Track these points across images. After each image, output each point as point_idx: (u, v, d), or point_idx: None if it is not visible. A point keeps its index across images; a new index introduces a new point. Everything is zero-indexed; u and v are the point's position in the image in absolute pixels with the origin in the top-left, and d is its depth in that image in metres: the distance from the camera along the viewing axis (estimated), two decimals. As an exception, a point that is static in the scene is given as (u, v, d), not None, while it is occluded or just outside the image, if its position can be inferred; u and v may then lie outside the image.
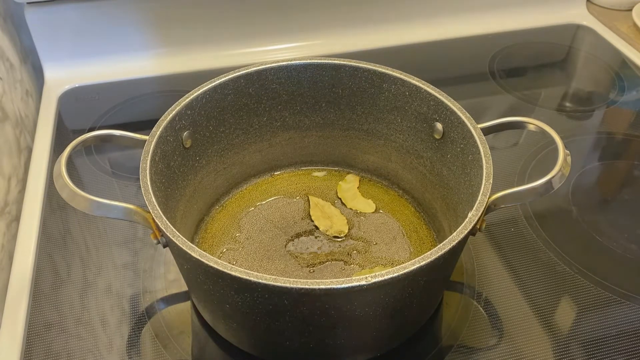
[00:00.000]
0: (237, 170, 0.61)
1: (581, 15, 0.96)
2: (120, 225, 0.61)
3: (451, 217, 0.53)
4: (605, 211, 0.64)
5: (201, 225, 0.59)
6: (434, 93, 0.53)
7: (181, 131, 0.52)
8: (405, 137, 0.58)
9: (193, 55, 0.84)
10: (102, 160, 0.69)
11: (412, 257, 0.56)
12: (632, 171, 0.69)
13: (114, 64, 0.82)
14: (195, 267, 0.42)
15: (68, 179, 0.43)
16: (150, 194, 0.43)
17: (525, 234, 0.60)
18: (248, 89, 0.56)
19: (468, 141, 0.49)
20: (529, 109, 0.78)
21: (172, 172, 0.51)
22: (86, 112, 0.76)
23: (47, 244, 0.59)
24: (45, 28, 0.77)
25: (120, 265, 0.57)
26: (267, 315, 0.42)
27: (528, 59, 0.88)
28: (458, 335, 0.51)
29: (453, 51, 0.89)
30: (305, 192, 0.63)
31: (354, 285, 0.37)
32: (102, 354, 0.50)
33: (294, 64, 0.56)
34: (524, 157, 0.69)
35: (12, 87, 0.72)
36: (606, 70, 0.86)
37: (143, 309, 0.53)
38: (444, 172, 0.54)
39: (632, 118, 0.77)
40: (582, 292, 0.55)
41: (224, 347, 0.50)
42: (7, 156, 0.65)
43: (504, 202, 0.44)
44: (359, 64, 0.56)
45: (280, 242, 0.58)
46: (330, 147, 0.63)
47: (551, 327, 0.52)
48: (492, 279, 0.56)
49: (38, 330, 0.52)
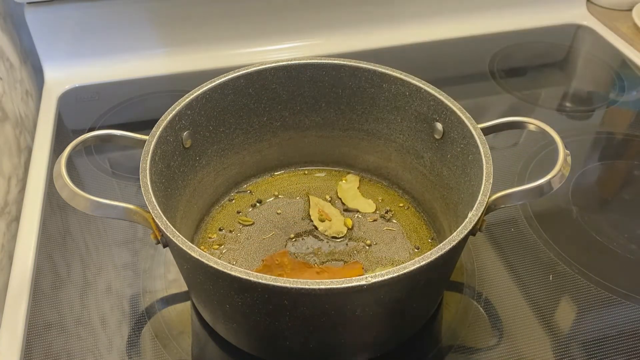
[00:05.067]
0: (237, 170, 0.61)
1: (581, 15, 0.96)
2: (120, 225, 0.61)
3: (451, 217, 0.53)
4: (605, 211, 0.64)
5: (201, 225, 0.59)
6: (434, 93, 0.53)
7: (181, 131, 0.52)
8: (405, 137, 0.58)
9: (193, 55, 0.84)
10: (102, 160, 0.69)
11: (412, 257, 0.56)
12: (632, 171, 0.69)
13: (114, 64, 0.82)
14: (195, 267, 0.42)
15: (68, 179, 0.43)
16: (150, 194, 0.43)
17: (525, 234, 0.60)
18: (248, 89, 0.56)
19: (468, 141, 0.49)
20: (529, 109, 0.78)
21: (172, 172, 0.51)
22: (86, 112, 0.76)
23: (47, 244, 0.59)
24: (45, 28, 0.77)
25: (120, 265, 0.57)
26: (267, 315, 0.42)
27: (528, 59, 0.88)
28: (458, 335, 0.51)
29: (453, 51, 0.89)
30: (305, 192, 0.63)
31: (354, 285, 0.37)
32: (102, 354, 0.50)
33: (294, 64, 0.56)
34: (524, 157, 0.69)
35: (12, 87, 0.72)
36: (606, 70, 0.86)
37: (143, 309, 0.53)
38: (444, 172, 0.54)
39: (632, 118, 0.77)
40: (582, 292, 0.55)
41: (224, 347, 0.50)
42: (7, 156, 0.65)
43: (504, 202, 0.44)
44: (359, 64, 0.56)
45: (280, 242, 0.58)
46: (330, 147, 0.63)
47: (551, 327, 0.52)
48: (492, 279, 0.56)
49: (38, 330, 0.52)
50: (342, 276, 0.53)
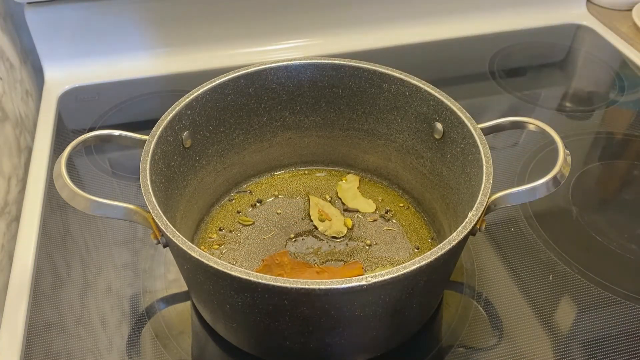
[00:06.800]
0: (237, 170, 0.61)
1: (581, 15, 0.96)
2: (120, 225, 0.61)
3: (451, 217, 0.53)
4: (605, 211, 0.64)
5: (201, 225, 0.59)
6: (434, 93, 0.53)
7: (181, 131, 0.52)
8: (405, 137, 0.58)
9: (193, 55, 0.84)
10: (102, 160, 0.69)
11: (412, 257, 0.56)
12: (632, 171, 0.69)
13: (114, 64, 0.82)
14: (195, 267, 0.42)
15: (68, 179, 0.43)
16: (150, 194, 0.43)
17: (525, 234, 0.60)
18: (248, 89, 0.56)
19: (468, 141, 0.49)
20: (529, 109, 0.78)
21: (172, 172, 0.51)
22: (86, 112, 0.76)
23: (47, 244, 0.59)
24: (45, 28, 0.77)
25: (120, 265, 0.57)
26: (267, 315, 0.42)
27: (528, 59, 0.88)
28: (458, 335, 0.51)
29: (453, 51, 0.89)
30: (305, 192, 0.63)
31: (354, 285, 0.37)
32: (102, 354, 0.50)
33: (294, 64, 0.56)
34: (524, 157, 0.69)
35: (12, 87, 0.72)
36: (606, 70, 0.86)
37: (143, 309, 0.53)
38: (444, 172, 0.54)
39: (632, 118, 0.77)
40: (582, 292, 0.55)
41: (224, 347, 0.50)
42: (7, 156, 0.65)
43: (504, 202, 0.44)
44: (359, 64, 0.56)
45: (280, 242, 0.58)
46: (330, 147, 0.63)
47: (551, 327, 0.52)
48: (492, 279, 0.56)
49: (38, 330, 0.52)
50: (342, 276, 0.53)
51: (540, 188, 0.44)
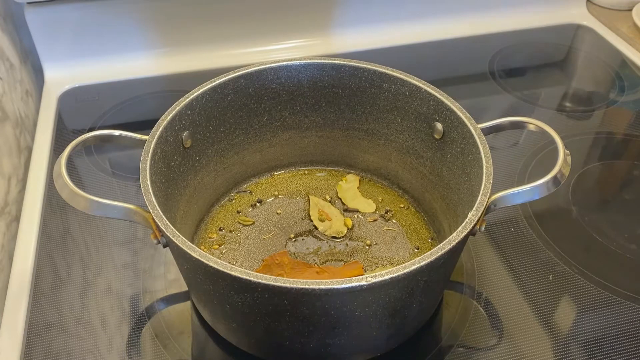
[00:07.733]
0: (237, 170, 0.61)
1: (581, 15, 0.96)
2: (120, 225, 0.61)
3: (451, 217, 0.53)
4: (605, 211, 0.64)
5: (201, 225, 0.59)
6: (434, 93, 0.53)
7: (181, 131, 0.52)
8: (405, 137, 0.58)
9: (193, 55, 0.84)
10: (102, 160, 0.69)
11: (412, 257, 0.56)
12: (632, 171, 0.69)
13: (114, 64, 0.82)
14: (195, 267, 0.42)
15: (68, 179, 0.43)
16: (150, 194, 0.43)
17: (525, 234, 0.60)
18: (248, 89, 0.56)
19: (468, 141, 0.49)
20: (529, 109, 0.78)
21: (172, 172, 0.51)
22: (86, 112, 0.76)
23: (47, 244, 0.59)
24: (45, 28, 0.77)
25: (120, 265, 0.57)
26: (267, 315, 0.42)
27: (528, 59, 0.88)
28: (458, 335, 0.51)
29: (453, 51, 0.89)
30: (305, 192, 0.63)
31: (354, 285, 0.37)
32: (102, 354, 0.50)
33: (294, 64, 0.56)
34: (524, 157, 0.69)
35: (12, 87, 0.72)
36: (606, 70, 0.86)
37: (143, 309, 0.53)
38: (444, 172, 0.54)
39: (632, 118, 0.77)
40: (582, 292, 0.55)
41: (224, 347, 0.50)
42: (7, 156, 0.65)
43: (504, 202, 0.44)
44: (359, 64, 0.56)
45: (280, 242, 0.58)
46: (330, 147, 0.63)
47: (551, 327, 0.52)
48: (492, 279, 0.56)
49: (38, 330, 0.52)
50: (342, 276, 0.53)
51: (540, 188, 0.44)
